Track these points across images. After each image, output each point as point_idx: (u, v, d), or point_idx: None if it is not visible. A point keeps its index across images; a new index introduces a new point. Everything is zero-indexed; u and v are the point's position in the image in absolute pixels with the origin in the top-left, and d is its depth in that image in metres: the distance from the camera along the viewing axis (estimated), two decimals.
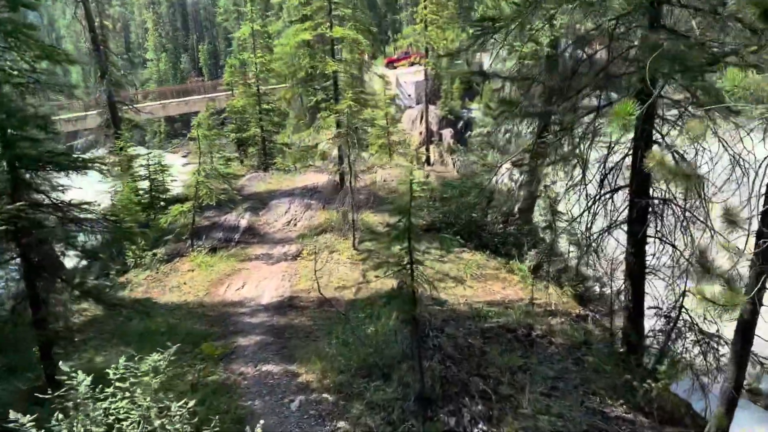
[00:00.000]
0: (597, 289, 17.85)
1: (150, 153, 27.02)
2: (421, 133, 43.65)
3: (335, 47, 19.55)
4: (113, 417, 6.40)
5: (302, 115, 20.82)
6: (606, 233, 11.59)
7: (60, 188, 10.63)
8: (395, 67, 56.37)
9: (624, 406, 10.07)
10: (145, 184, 27.46)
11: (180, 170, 33.66)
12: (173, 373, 11.49)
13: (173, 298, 15.93)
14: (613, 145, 11.03)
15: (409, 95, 52.61)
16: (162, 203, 25.99)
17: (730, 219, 7.86)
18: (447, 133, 49.17)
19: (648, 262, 11.36)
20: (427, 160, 31.93)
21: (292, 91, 19.69)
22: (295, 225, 22.60)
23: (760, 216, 7.98)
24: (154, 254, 18.68)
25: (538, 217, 22.40)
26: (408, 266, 9.60)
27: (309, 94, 20.61)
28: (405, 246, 9.40)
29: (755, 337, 8.64)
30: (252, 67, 30.48)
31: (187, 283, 16.88)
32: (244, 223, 22.80)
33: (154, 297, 16.07)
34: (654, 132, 10.76)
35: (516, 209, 22.52)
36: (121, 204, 27.66)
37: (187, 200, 20.56)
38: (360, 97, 19.12)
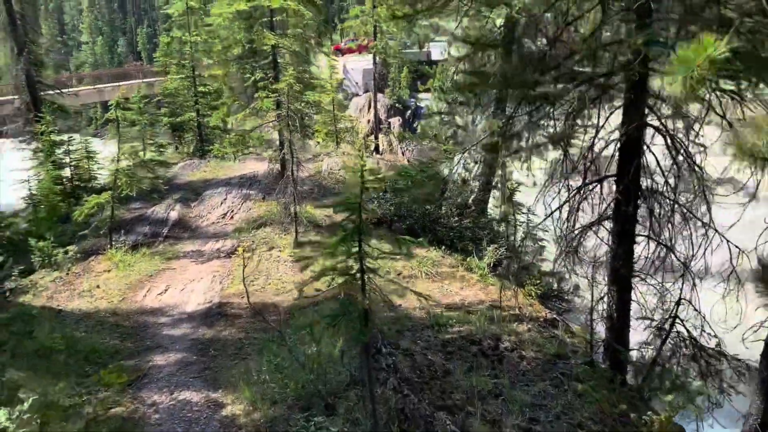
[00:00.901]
0: (565, 288, 16.22)
1: (71, 138, 23.90)
2: (369, 121, 41.52)
3: (274, 19, 17.10)
4: None
5: (238, 96, 18.25)
6: (589, 230, 9.73)
7: None
8: (342, 54, 54.03)
9: None
10: (67, 173, 24.57)
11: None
12: (67, 405, 9.07)
13: (82, 305, 13.29)
14: (600, 127, 9.11)
15: (357, 83, 50.47)
16: (84, 193, 23.08)
17: None
18: (395, 121, 47.28)
19: (636, 265, 9.57)
20: (377, 149, 29.80)
21: (226, 68, 17.14)
22: (232, 218, 20.08)
23: None
24: (66, 252, 15.89)
25: (493, 209, 20.65)
26: (358, 276, 7.47)
27: (246, 72, 18.07)
28: (354, 251, 7.26)
29: None
30: (187, 46, 27.54)
31: (100, 286, 14.24)
32: (173, 215, 20.13)
33: (60, 303, 13.39)
34: (648, 112, 8.92)
35: (470, 201, 20.69)
36: (41, 194, 24.63)
37: (107, 190, 17.77)
38: (303, 77, 16.76)
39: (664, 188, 9.07)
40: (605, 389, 9.07)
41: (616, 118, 9.32)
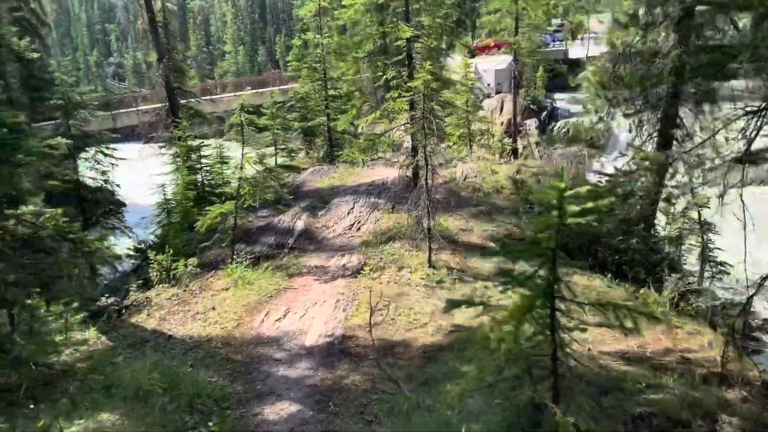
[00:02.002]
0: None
1: (201, 143, 23.17)
2: (502, 124, 38.37)
3: (411, 8, 14.76)
4: None
5: (368, 98, 16.15)
6: None
7: None
8: (473, 56, 51.12)
9: None
10: (199, 178, 24.00)
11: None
12: None
13: (195, 330, 11.70)
14: None
15: (488, 84, 47.33)
16: (216, 199, 22.25)
17: None
18: (531, 123, 43.62)
19: None
20: (515, 153, 26.65)
21: (357, 66, 15.08)
22: (359, 229, 18.06)
23: None
24: (186, 265, 14.59)
25: (664, 226, 16.95)
26: (548, 335, 4.90)
27: (378, 70, 15.93)
28: (544, 321, 4.69)
29: None
30: (318, 48, 26.08)
31: (216, 308, 12.63)
32: (299, 225, 18.48)
33: (172, 327, 11.90)
34: None
35: (633, 215, 17.16)
36: (174, 199, 24.21)
37: (232, 199, 16.36)
38: (439, 74, 14.28)
39: None
40: None
41: None
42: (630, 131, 17.51)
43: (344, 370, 9.73)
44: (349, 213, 19.00)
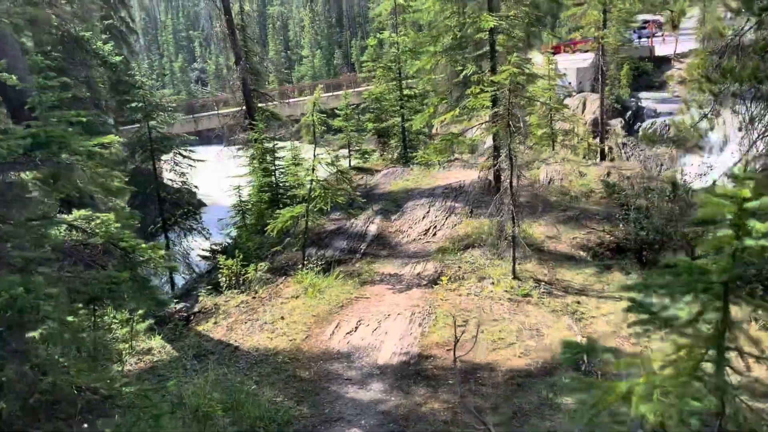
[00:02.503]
0: None
1: (275, 144, 22.71)
2: (585, 123, 36.17)
3: None
4: None
5: (446, 95, 14.98)
6: None
7: None
8: (554, 54, 48.81)
9: None
10: (274, 180, 23.59)
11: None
12: None
13: (261, 342, 10.91)
14: None
15: (570, 82, 45.03)
16: (288, 201, 21.73)
17: None
18: (616, 123, 41.06)
19: None
20: (602, 154, 24.68)
21: (434, 61, 13.94)
22: (434, 235, 16.92)
23: None
24: (255, 269, 13.92)
25: None
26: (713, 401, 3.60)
27: (457, 64, 14.73)
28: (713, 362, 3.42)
29: None
30: (394, 48, 25.15)
31: (285, 317, 11.82)
32: (372, 229, 17.55)
33: (238, 338, 11.17)
34: None
35: None
36: (250, 201, 23.98)
37: (304, 202, 15.61)
38: (525, 68, 12.93)
39: None
40: None
41: None
42: (740, 129, 15.53)
43: (421, 396, 8.62)
44: (424, 217, 17.90)
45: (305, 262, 14.62)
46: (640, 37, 52.67)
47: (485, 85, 13.19)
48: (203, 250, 24.52)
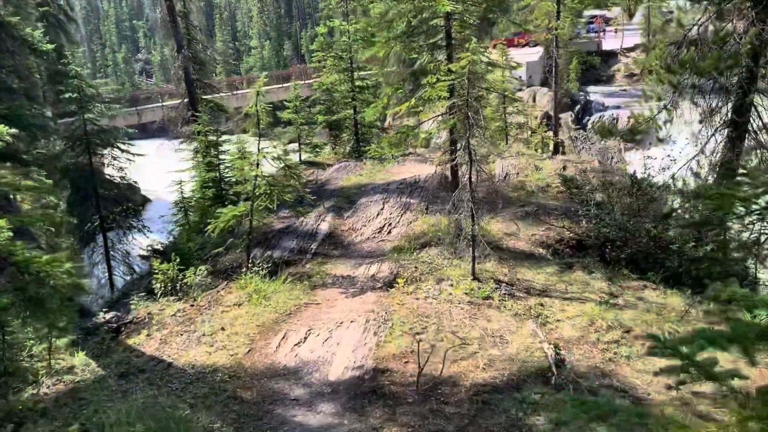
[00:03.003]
0: None
1: (219, 136, 21.32)
2: (536, 117, 35.93)
3: None
4: None
5: (400, 84, 13.99)
6: None
7: None
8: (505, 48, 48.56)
9: None
10: (218, 175, 22.19)
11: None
12: None
13: (198, 357, 9.71)
14: None
15: (520, 76, 44.87)
16: (233, 197, 20.40)
17: None
18: (566, 117, 41.14)
19: None
20: (556, 148, 24.23)
21: (387, 48, 12.92)
22: (389, 233, 15.99)
23: None
24: (195, 272, 12.65)
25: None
26: None
27: (412, 52, 13.75)
28: None
29: None
30: (345, 36, 24.00)
31: (226, 328, 10.63)
32: (324, 228, 16.47)
33: (173, 353, 9.93)
34: None
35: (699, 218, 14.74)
36: (192, 198, 22.53)
37: (249, 199, 14.36)
38: (483, 55, 12.08)
39: None
40: None
41: None
42: (701, 121, 15.14)
43: (378, 418, 7.64)
44: (378, 214, 16.94)
45: (250, 265, 13.43)
46: (588, 32, 53.19)
47: (442, 75, 12.27)
48: (142, 249, 22.91)
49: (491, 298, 11.05)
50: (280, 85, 51.25)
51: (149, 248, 20.52)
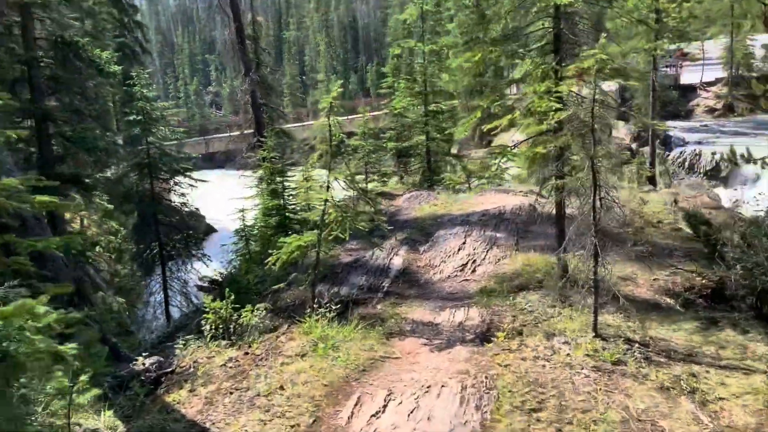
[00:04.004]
0: None
1: (284, 162, 19.49)
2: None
3: None
4: None
5: (496, 98, 11.60)
6: None
7: None
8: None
9: None
10: (282, 202, 20.34)
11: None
12: None
13: (250, 426, 7.44)
14: None
15: None
16: (297, 226, 18.44)
17: None
18: (645, 151, 38.05)
19: None
20: (652, 181, 21.22)
21: (484, 52, 10.63)
22: (474, 271, 13.50)
23: None
24: (252, 310, 10.50)
25: None
26: None
27: (508, 58, 11.43)
28: None
29: None
30: (419, 58, 22.02)
31: (285, 387, 8.34)
32: (397, 263, 14.16)
33: (217, 418, 7.70)
34: None
35: None
36: (256, 227, 20.79)
37: (316, 227, 12.18)
38: (610, 57, 9.57)
39: None
40: None
41: None
42: None
43: None
44: (459, 249, 14.48)
45: (315, 305, 11.20)
46: (666, 66, 49.87)
47: (554, 82, 9.89)
48: (200, 279, 21.23)
49: (624, 363, 8.35)
50: (346, 118, 49.99)
51: (205, 279, 18.70)
